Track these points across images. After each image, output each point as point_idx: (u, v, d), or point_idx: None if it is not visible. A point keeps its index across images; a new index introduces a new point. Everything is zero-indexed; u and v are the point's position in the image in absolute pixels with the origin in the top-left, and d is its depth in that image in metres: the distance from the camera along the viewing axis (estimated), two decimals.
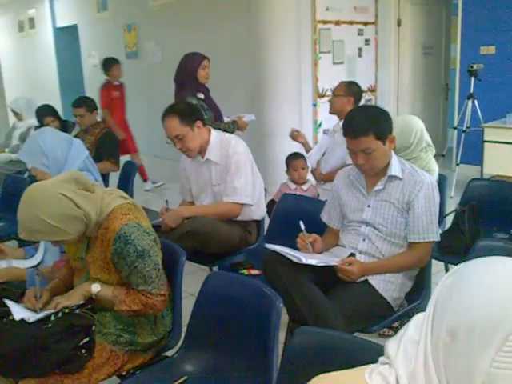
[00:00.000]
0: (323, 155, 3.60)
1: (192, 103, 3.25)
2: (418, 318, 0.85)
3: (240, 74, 6.28)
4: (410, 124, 3.11)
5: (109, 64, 6.13)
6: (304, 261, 2.00)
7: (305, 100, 5.87)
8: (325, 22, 6.03)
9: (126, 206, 1.87)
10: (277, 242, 2.64)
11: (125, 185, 3.94)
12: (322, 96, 6.08)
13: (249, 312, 1.76)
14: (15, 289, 2.16)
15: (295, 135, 3.82)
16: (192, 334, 1.95)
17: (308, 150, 3.83)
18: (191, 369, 1.91)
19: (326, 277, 2.11)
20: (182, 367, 1.91)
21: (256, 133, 5.14)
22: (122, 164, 4.25)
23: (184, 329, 2.03)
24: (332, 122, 3.98)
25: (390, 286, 2.18)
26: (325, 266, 2.07)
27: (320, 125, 6.13)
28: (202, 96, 3.80)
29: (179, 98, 3.83)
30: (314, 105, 6.09)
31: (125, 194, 1.95)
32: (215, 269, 3.08)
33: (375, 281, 2.16)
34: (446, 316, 0.73)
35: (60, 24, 10.40)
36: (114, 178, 4.22)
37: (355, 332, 2.11)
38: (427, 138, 3.19)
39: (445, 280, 0.78)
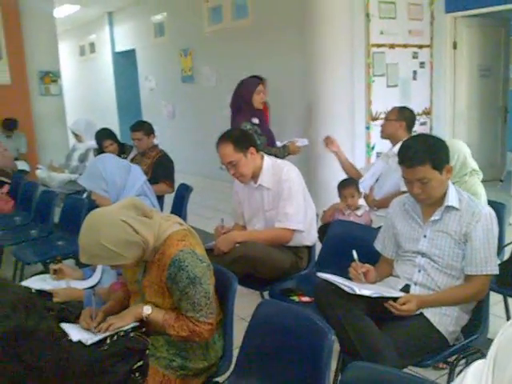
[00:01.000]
0: (377, 181, 3.56)
1: (246, 130, 3.31)
2: (476, 367, 0.81)
3: (293, 97, 6.32)
4: (452, 147, 3.04)
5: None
6: (357, 291, 1.98)
7: (358, 123, 5.84)
8: (379, 46, 6.01)
9: (181, 233, 1.92)
10: (328, 269, 2.63)
11: (179, 206, 4.03)
12: (375, 119, 6.04)
13: (300, 342, 1.75)
14: (73, 309, 2.22)
15: (329, 141, 3.80)
16: (243, 361, 1.95)
17: (342, 159, 3.81)
18: None
19: (379, 308, 2.07)
20: None
21: (308, 156, 5.15)
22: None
23: (234, 352, 2.04)
24: (385, 145, 3.94)
25: (445, 319, 2.12)
26: (378, 298, 2.03)
27: (373, 148, 6.08)
28: (256, 121, 3.86)
29: (235, 122, 3.91)
30: (367, 128, 6.05)
31: (181, 220, 2.00)
32: (266, 294, 3.09)
33: (430, 313, 2.11)
34: (509, 366, 0.70)
35: (119, 48, 10.82)
36: (169, 199, 4.31)
37: (408, 366, 2.06)
38: (473, 164, 3.12)
39: (507, 328, 0.75)
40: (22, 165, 6.16)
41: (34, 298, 0.77)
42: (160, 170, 4.37)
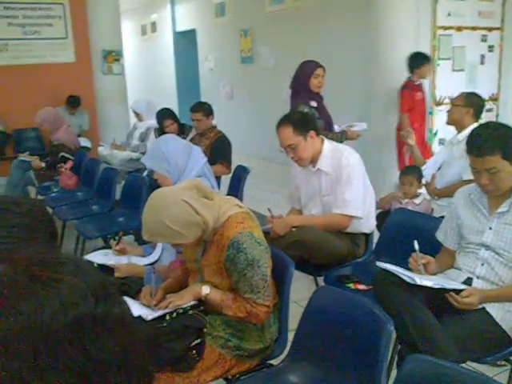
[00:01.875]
0: (439, 169, 3.45)
1: (307, 113, 3.27)
2: None
3: (352, 82, 6.20)
4: None
5: (420, 61, 4.98)
6: (418, 282, 1.93)
7: None
8: (445, 28, 5.78)
9: (240, 215, 1.93)
10: (385, 258, 2.59)
11: (235, 188, 4.05)
12: (439, 104, 5.83)
13: (358, 331, 1.74)
14: (133, 284, 2.29)
15: (407, 134, 3.71)
16: (298, 346, 1.95)
17: (417, 154, 3.71)
18: (295, 380, 1.92)
19: (438, 300, 2.02)
20: (286, 377, 1.93)
21: (368, 141, 5.05)
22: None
23: (289, 336, 2.05)
24: (449, 131, 3.81)
25: (509, 316, 2.04)
26: (439, 289, 1.98)
27: (436, 134, 5.89)
28: (314, 104, 3.81)
29: (293, 105, 3.88)
30: (430, 113, 5.85)
31: (240, 203, 2.01)
32: (320, 279, 3.08)
33: (493, 309, 2.04)
34: None
35: (179, 28, 10.91)
36: (226, 180, 4.35)
37: (467, 361, 2.01)
38: None
39: None
40: (84, 141, 6.34)
41: (107, 283, 0.73)
42: (218, 151, 4.40)
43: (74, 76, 7.34)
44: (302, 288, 2.96)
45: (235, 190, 4.01)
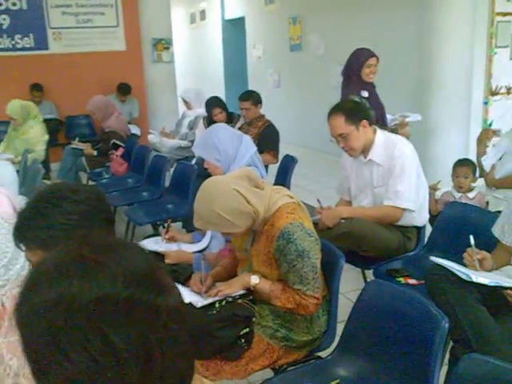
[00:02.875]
0: (500, 159, 3.32)
1: (360, 102, 3.21)
2: None
3: (404, 71, 6.05)
4: None
5: None
6: (474, 278, 1.87)
7: (475, 97, 5.47)
8: (504, 14, 5.54)
9: (291, 206, 1.91)
10: (438, 253, 2.52)
11: (283, 177, 4.03)
12: (494, 94, 5.62)
13: (410, 327, 1.70)
14: (183, 271, 2.32)
15: (490, 134, 3.57)
16: (347, 339, 1.93)
17: (481, 151, 3.58)
18: (344, 373, 1.89)
19: (495, 298, 1.95)
20: (334, 370, 1.91)
21: (419, 131, 4.92)
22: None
23: (337, 330, 2.03)
24: (504, 122, 3.66)
25: None
26: (496, 287, 1.91)
27: (490, 124, 5.68)
28: (366, 94, 3.73)
29: (343, 93, 3.81)
30: (485, 103, 5.65)
31: (291, 193, 1.99)
32: (368, 272, 3.04)
33: None
34: None
35: (228, 16, 10.91)
36: (273, 169, 4.33)
37: None
38: None
39: None
40: (134, 129, 6.46)
41: (153, 272, 0.72)
42: (266, 140, 4.38)
43: (124, 64, 7.46)
44: (348, 280, 2.92)
45: (282, 179, 3.99)
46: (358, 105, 2.87)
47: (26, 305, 0.66)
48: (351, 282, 3.17)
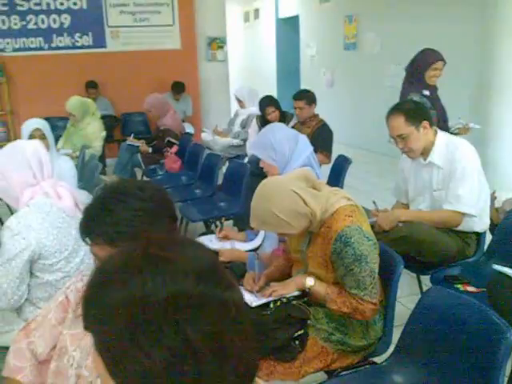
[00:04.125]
0: None
1: (420, 102, 3.12)
2: None
3: (464, 72, 5.85)
4: None
5: None
6: None
7: None
8: None
9: (349, 208, 1.88)
10: (498, 260, 2.42)
11: (336, 178, 3.97)
12: None
13: (472, 337, 1.63)
14: (237, 269, 2.32)
15: None
16: (404, 345, 1.88)
17: None
18: (399, 380, 1.85)
19: None
20: (389, 376, 1.87)
21: (479, 135, 4.77)
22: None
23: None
24: None
25: None
26: None
27: None
28: (427, 93, 3.64)
29: (404, 91, 3.74)
30: None
31: (349, 195, 1.96)
32: (423, 278, 2.96)
33: None
34: None
35: (282, 15, 10.89)
36: (325, 170, 4.28)
37: None
38: None
39: None
40: (187, 127, 6.53)
41: (217, 268, 0.74)
42: (319, 139, 4.33)
43: (179, 63, 7.57)
44: (402, 285, 2.82)
45: (335, 180, 3.94)
46: (418, 105, 2.79)
47: (102, 302, 0.68)
48: (405, 288, 3.09)
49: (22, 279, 1.95)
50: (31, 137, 3.40)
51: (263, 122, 4.82)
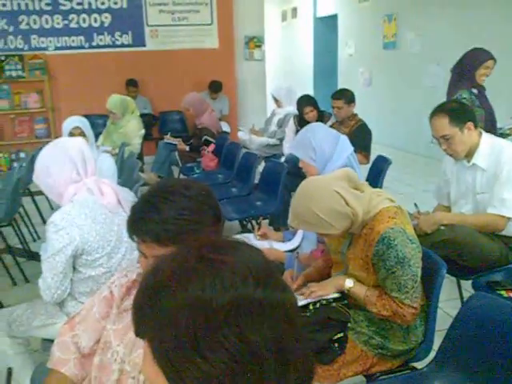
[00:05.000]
0: None
1: (465, 103, 3.06)
2: None
3: (509, 74, 5.69)
4: None
5: None
6: None
7: None
8: None
9: (392, 210, 1.85)
10: None
11: (374, 179, 3.92)
12: None
13: None
14: (276, 269, 2.31)
15: None
16: (446, 351, 1.83)
17: None
18: None
19: None
20: (430, 382, 1.83)
21: None
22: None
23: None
24: None
25: None
26: None
27: None
28: (476, 91, 3.57)
29: (452, 88, 3.67)
30: None
31: (392, 197, 1.92)
32: (464, 282, 2.89)
33: None
34: None
35: (320, 14, 10.82)
36: (363, 171, 4.23)
37: None
38: None
39: None
40: (223, 126, 6.57)
41: (271, 269, 0.73)
42: (357, 139, 4.26)
43: (216, 62, 7.61)
44: (441, 289, 2.79)
45: (374, 181, 3.87)
46: (463, 106, 2.73)
47: (159, 307, 0.67)
48: (444, 292, 3.01)
49: (65, 274, 1.99)
50: (71, 134, 3.47)
51: (300, 121, 4.79)
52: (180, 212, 1.21)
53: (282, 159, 4.78)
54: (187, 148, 5.43)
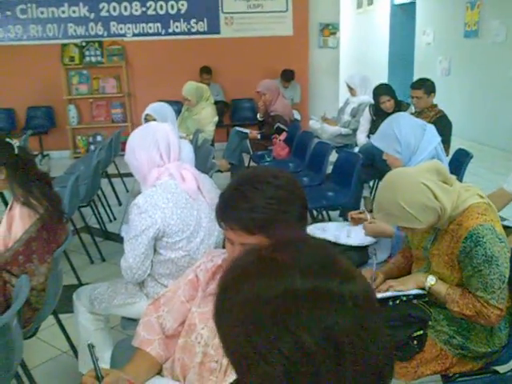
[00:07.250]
0: None
1: None
2: None
3: None
4: None
5: None
6: None
7: None
8: None
9: (482, 206, 1.77)
10: None
11: (454, 173, 3.75)
12: None
13: None
14: (357, 258, 2.30)
15: None
16: None
17: None
18: None
19: None
20: None
21: None
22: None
23: None
24: None
25: None
26: None
27: None
28: None
29: None
30: None
31: (482, 192, 1.84)
32: None
33: None
34: None
35: (398, 1, 10.49)
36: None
37: None
38: None
39: None
40: (294, 114, 6.52)
41: (330, 262, 0.70)
42: (438, 131, 4.12)
43: (290, 49, 7.56)
44: None
45: (453, 175, 3.73)
46: None
47: (228, 303, 0.71)
48: None
49: (146, 255, 2.05)
50: (146, 121, 3.57)
51: (376, 111, 4.68)
52: (268, 201, 1.22)
53: (356, 149, 4.69)
54: (258, 136, 5.44)
